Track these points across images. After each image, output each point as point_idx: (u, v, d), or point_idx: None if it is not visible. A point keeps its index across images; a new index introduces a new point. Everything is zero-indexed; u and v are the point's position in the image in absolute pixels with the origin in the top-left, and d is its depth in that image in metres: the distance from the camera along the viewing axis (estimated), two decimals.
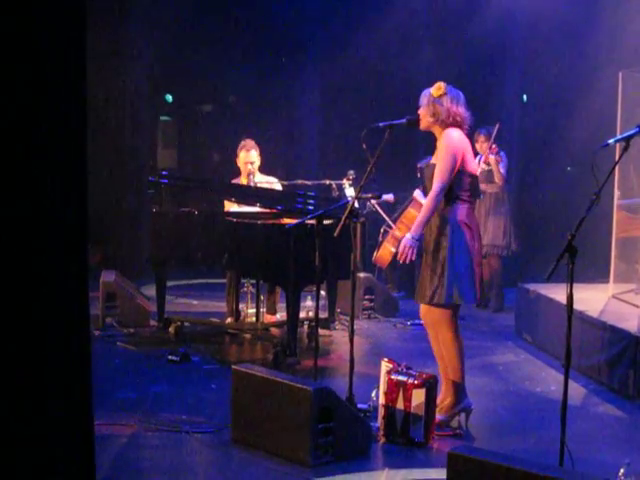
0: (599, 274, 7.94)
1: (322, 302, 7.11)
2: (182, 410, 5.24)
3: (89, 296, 2.84)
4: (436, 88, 5.00)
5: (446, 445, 4.58)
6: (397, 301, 8.94)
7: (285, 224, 6.66)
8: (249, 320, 7.79)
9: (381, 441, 4.77)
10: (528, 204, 10.76)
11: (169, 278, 7.97)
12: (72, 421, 2.69)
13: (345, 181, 8.03)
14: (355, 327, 5.23)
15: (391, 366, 4.86)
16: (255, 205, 7.30)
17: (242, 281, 7.85)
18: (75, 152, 2.65)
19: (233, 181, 7.86)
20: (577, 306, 4.40)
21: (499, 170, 8.78)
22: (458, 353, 5.05)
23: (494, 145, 8.75)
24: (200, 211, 7.39)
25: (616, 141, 4.17)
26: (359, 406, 5.11)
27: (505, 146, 9.02)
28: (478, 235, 5.10)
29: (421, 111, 5.06)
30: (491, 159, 8.75)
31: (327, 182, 8.20)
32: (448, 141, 4.95)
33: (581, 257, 3.81)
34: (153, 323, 7.79)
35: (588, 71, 10.45)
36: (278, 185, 7.86)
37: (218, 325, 7.79)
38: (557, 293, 6.89)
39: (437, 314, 5.05)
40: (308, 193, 7.56)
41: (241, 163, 7.72)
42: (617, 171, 6.81)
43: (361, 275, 8.30)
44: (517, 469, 3.25)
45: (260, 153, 7.73)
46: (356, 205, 5.34)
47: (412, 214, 9.38)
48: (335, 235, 5.04)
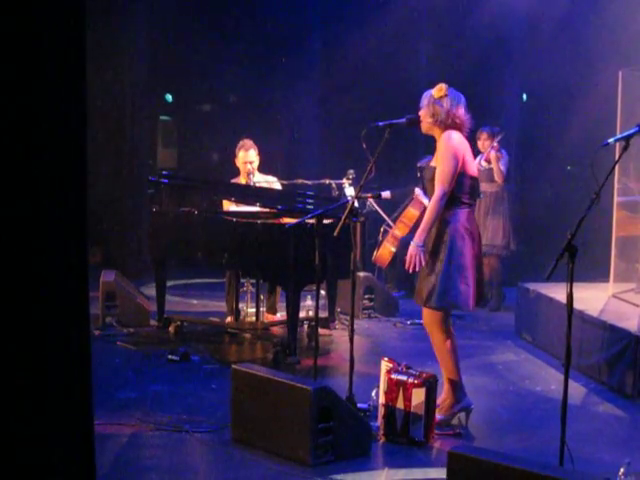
0: (599, 273, 7.94)
1: (322, 301, 7.11)
2: (182, 409, 5.24)
3: (89, 296, 2.84)
4: (437, 89, 5.00)
5: (446, 444, 4.59)
6: (397, 300, 8.94)
7: (285, 223, 6.66)
8: (249, 320, 7.79)
9: (381, 440, 4.77)
10: (528, 203, 10.75)
11: (169, 278, 7.98)
12: (72, 421, 2.69)
13: (345, 180, 8.03)
14: (355, 326, 5.23)
15: (391, 365, 4.86)
16: (255, 205, 7.31)
17: (242, 281, 7.85)
18: (75, 152, 2.65)
19: (232, 181, 7.87)
20: (577, 305, 4.41)
21: (499, 167, 8.79)
22: (451, 354, 5.06)
23: (496, 143, 8.76)
24: (200, 211, 7.39)
25: (616, 140, 4.16)
26: (359, 405, 5.11)
27: (505, 145, 9.01)
28: (478, 238, 5.10)
29: (422, 112, 5.05)
30: (492, 155, 8.76)
31: (327, 181, 8.19)
32: (448, 144, 4.93)
33: (581, 256, 3.81)
34: (153, 323, 7.79)
35: (588, 70, 10.45)
36: (277, 184, 7.86)
37: (218, 324, 7.79)
38: (557, 292, 6.89)
39: (429, 315, 5.07)
40: (308, 192, 7.56)
41: (240, 163, 7.72)
42: (617, 170, 6.81)
43: (361, 274, 8.29)
44: (517, 468, 3.26)
45: (259, 152, 7.73)
46: (356, 204, 5.33)
47: (412, 213, 9.44)
48: (335, 234, 5.04)
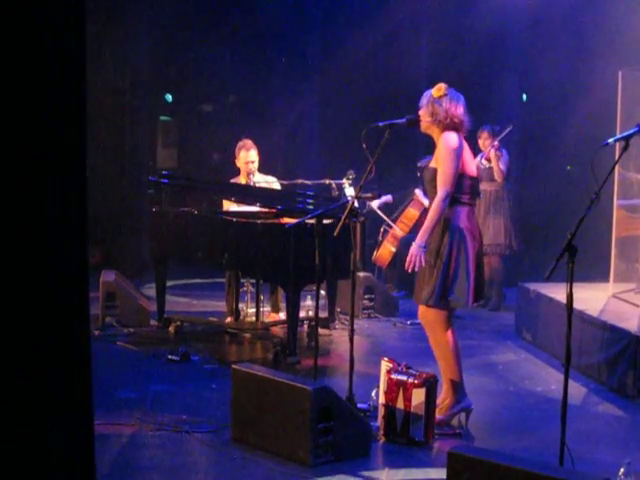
0: (599, 273, 7.93)
1: (322, 301, 7.10)
2: (182, 410, 5.24)
3: (89, 296, 2.84)
4: (437, 89, 5.00)
5: (446, 444, 4.57)
6: (397, 300, 8.93)
7: (285, 223, 6.66)
8: (249, 320, 7.79)
9: (381, 440, 4.77)
10: (528, 203, 10.75)
11: (169, 278, 7.98)
12: (72, 421, 2.69)
13: (345, 181, 8.03)
14: (355, 326, 5.23)
15: (391, 365, 4.86)
16: (255, 204, 7.31)
17: (242, 280, 7.85)
18: (75, 152, 2.65)
19: (232, 181, 7.87)
20: (577, 305, 4.41)
21: (499, 166, 8.78)
22: (454, 354, 5.06)
23: (497, 142, 8.76)
24: (200, 211, 7.39)
25: (616, 140, 4.16)
26: (359, 406, 5.11)
27: (505, 144, 9.01)
28: (479, 237, 5.11)
29: (421, 112, 5.06)
30: (492, 154, 8.75)
31: (327, 182, 8.20)
32: (447, 145, 4.93)
33: (581, 256, 3.81)
34: (153, 323, 7.78)
35: (588, 70, 10.45)
36: (277, 184, 7.87)
37: (218, 324, 7.78)
38: (557, 292, 6.89)
39: (432, 315, 5.06)
40: (308, 192, 7.56)
41: (241, 163, 7.72)
42: (617, 170, 6.80)
43: (361, 274, 8.29)
44: (517, 468, 3.26)
45: (259, 152, 7.73)
46: (356, 204, 5.34)
47: (412, 213, 9.47)
48: (335, 234, 5.04)
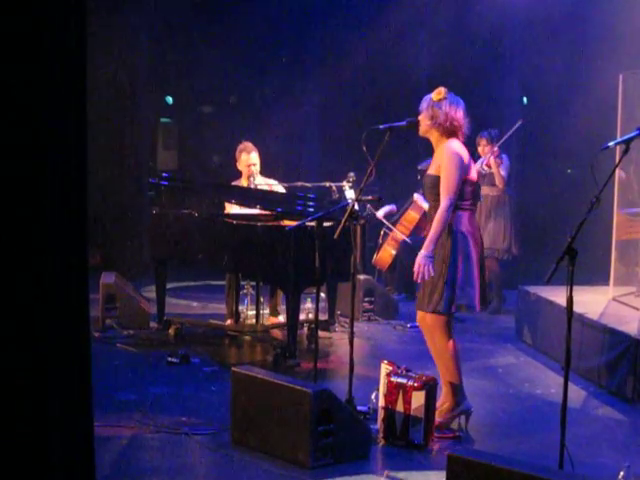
0: (599, 276, 7.93)
1: (322, 304, 7.10)
2: (182, 412, 5.23)
3: (89, 297, 2.84)
4: (436, 93, 5.01)
5: (446, 447, 4.59)
6: (397, 303, 8.93)
7: (285, 226, 6.65)
8: (249, 322, 7.79)
9: (381, 443, 4.77)
10: (528, 206, 10.74)
11: (169, 280, 7.97)
12: (72, 421, 2.69)
13: (345, 183, 8.03)
14: (355, 329, 5.22)
15: (391, 368, 4.85)
16: (255, 207, 7.30)
17: (242, 283, 7.85)
18: (75, 152, 2.66)
19: (233, 183, 7.86)
20: (577, 309, 4.40)
21: (500, 173, 8.76)
22: (454, 357, 5.05)
23: (496, 148, 8.74)
24: (200, 213, 7.39)
25: (616, 143, 4.17)
26: (359, 408, 5.11)
27: (505, 148, 9.00)
28: (480, 240, 5.11)
29: (421, 116, 5.06)
30: (491, 161, 8.73)
31: (327, 184, 8.19)
32: (451, 153, 4.92)
33: (581, 259, 3.81)
34: (153, 325, 7.78)
35: (588, 73, 10.45)
36: (279, 187, 7.86)
37: (218, 327, 7.78)
38: (557, 295, 6.89)
39: (431, 320, 5.05)
40: (308, 195, 7.56)
41: (242, 166, 7.72)
42: (617, 173, 6.80)
43: (361, 277, 8.29)
44: (517, 471, 3.26)
45: (260, 155, 7.73)
46: (356, 207, 5.33)
47: (412, 216, 9.47)
48: (335, 237, 5.03)
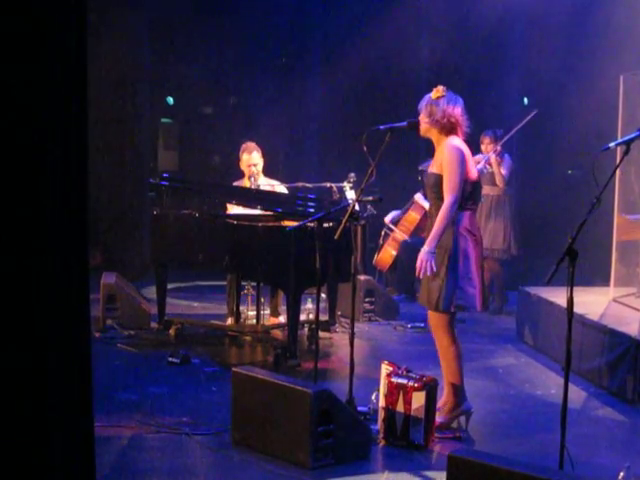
0: (600, 277, 7.93)
1: (322, 304, 7.11)
2: (182, 412, 5.24)
3: (90, 298, 2.84)
4: (435, 91, 5.03)
5: (446, 448, 4.58)
6: (397, 304, 8.93)
7: (286, 226, 6.65)
8: (249, 322, 7.79)
9: (381, 444, 4.77)
10: (529, 207, 10.74)
11: (170, 280, 7.97)
12: (72, 421, 2.69)
13: (346, 184, 8.03)
14: (355, 330, 5.22)
15: (391, 369, 4.86)
16: (256, 208, 7.31)
17: (242, 283, 7.85)
18: (75, 153, 2.66)
19: (236, 183, 7.87)
20: (577, 309, 4.40)
21: (500, 171, 8.76)
22: (456, 357, 5.06)
23: (499, 147, 8.75)
24: (201, 213, 7.39)
25: (617, 144, 4.17)
26: (359, 409, 5.11)
27: (506, 148, 9.00)
28: (481, 240, 5.12)
29: (420, 116, 5.07)
30: (492, 159, 8.73)
31: (328, 185, 8.19)
32: (452, 151, 4.92)
33: (582, 260, 3.81)
34: (153, 325, 7.78)
35: (589, 74, 10.44)
36: (282, 188, 7.85)
37: (218, 327, 7.78)
38: (558, 296, 6.89)
39: (435, 319, 5.07)
40: (309, 196, 7.56)
41: (244, 166, 7.72)
42: (618, 174, 6.80)
43: (361, 278, 8.29)
44: (517, 472, 3.26)
45: (262, 155, 7.73)
46: (357, 208, 5.33)
47: (413, 216, 9.48)
48: (336, 238, 5.03)
